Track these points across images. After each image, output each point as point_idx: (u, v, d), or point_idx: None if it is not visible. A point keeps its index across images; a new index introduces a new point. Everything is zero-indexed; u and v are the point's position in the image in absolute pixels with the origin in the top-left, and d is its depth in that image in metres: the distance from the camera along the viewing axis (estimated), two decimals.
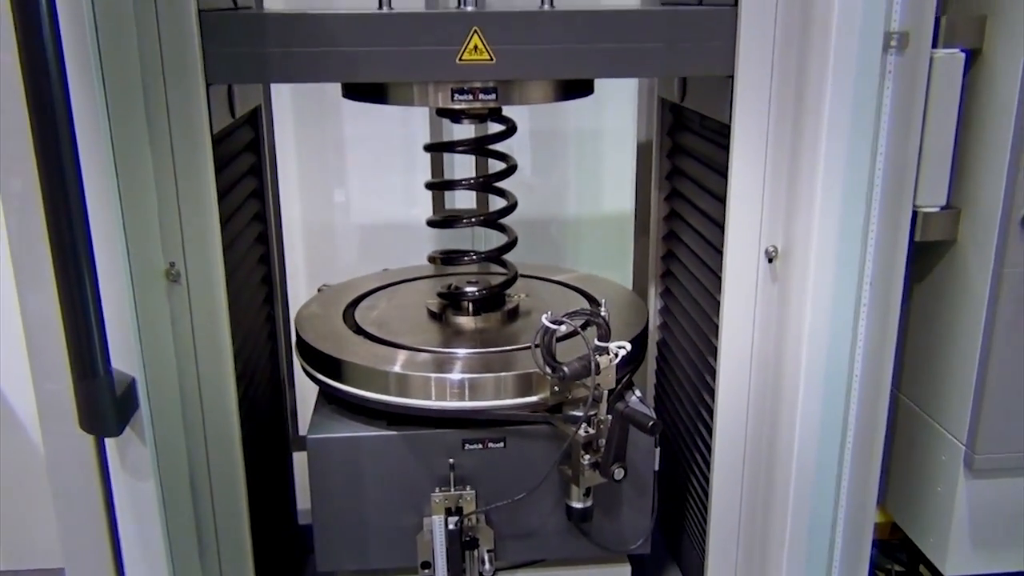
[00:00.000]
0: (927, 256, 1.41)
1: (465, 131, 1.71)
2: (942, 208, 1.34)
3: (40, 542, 2.38)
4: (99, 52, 1.04)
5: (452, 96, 1.27)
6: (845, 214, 1.27)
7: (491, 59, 1.21)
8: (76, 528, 1.24)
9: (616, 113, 2.09)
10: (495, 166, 1.56)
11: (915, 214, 1.33)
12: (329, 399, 1.42)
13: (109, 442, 1.05)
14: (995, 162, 1.26)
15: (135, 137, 1.13)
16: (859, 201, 1.27)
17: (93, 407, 0.95)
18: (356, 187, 2.21)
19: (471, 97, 1.27)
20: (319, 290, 1.75)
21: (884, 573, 2.26)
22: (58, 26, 0.92)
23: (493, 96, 1.28)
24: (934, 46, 1.25)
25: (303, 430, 1.99)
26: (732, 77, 1.25)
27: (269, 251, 1.68)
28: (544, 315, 1.25)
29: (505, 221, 1.56)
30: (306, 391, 1.97)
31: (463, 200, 2.00)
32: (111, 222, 1.05)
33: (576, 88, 1.37)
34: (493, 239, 1.60)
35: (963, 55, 1.27)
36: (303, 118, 2.09)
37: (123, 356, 1.02)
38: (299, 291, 2.06)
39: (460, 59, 1.20)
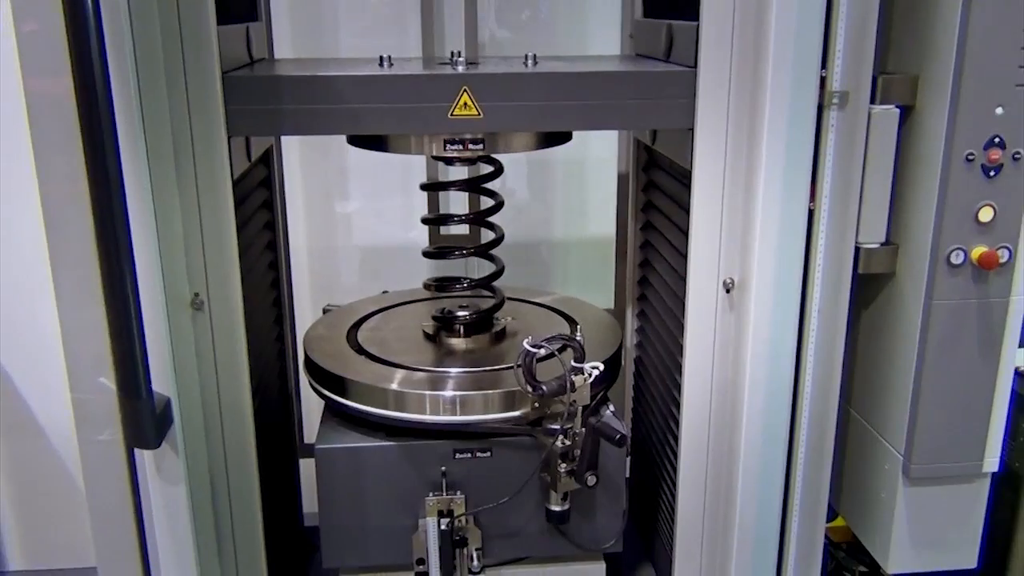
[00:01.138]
0: (870, 287, 1.54)
1: (457, 170, 1.87)
2: (882, 244, 1.47)
3: (61, 542, 2.53)
4: (141, 109, 1.19)
5: (445, 146, 1.43)
6: (795, 249, 1.42)
7: (479, 114, 1.35)
8: (109, 529, 1.39)
9: (601, 145, 2.25)
10: (485, 200, 1.72)
11: (858, 250, 1.46)
12: (334, 413, 1.56)
13: (146, 453, 1.21)
14: (925, 205, 1.40)
15: (166, 182, 1.28)
16: (807, 238, 1.42)
17: (137, 424, 1.10)
18: (357, 212, 2.37)
19: (461, 147, 1.43)
20: (324, 310, 1.90)
21: (850, 573, 2.41)
22: (110, 90, 1.08)
23: (481, 146, 1.43)
24: (872, 102, 1.39)
25: (308, 439, 2.15)
26: (692, 130, 1.39)
27: (279, 276, 1.84)
28: (526, 339, 1.41)
29: (494, 251, 1.72)
30: (311, 402, 2.12)
31: (456, 228, 2.16)
32: (149, 258, 1.20)
33: (555, 138, 1.52)
34: (484, 263, 1.76)
35: (897, 111, 1.41)
36: (308, 148, 2.25)
37: (159, 378, 1.18)
38: (304, 310, 2.21)
39: (451, 114, 1.35)
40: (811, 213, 1.42)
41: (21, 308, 2.31)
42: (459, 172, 1.97)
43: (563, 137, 1.53)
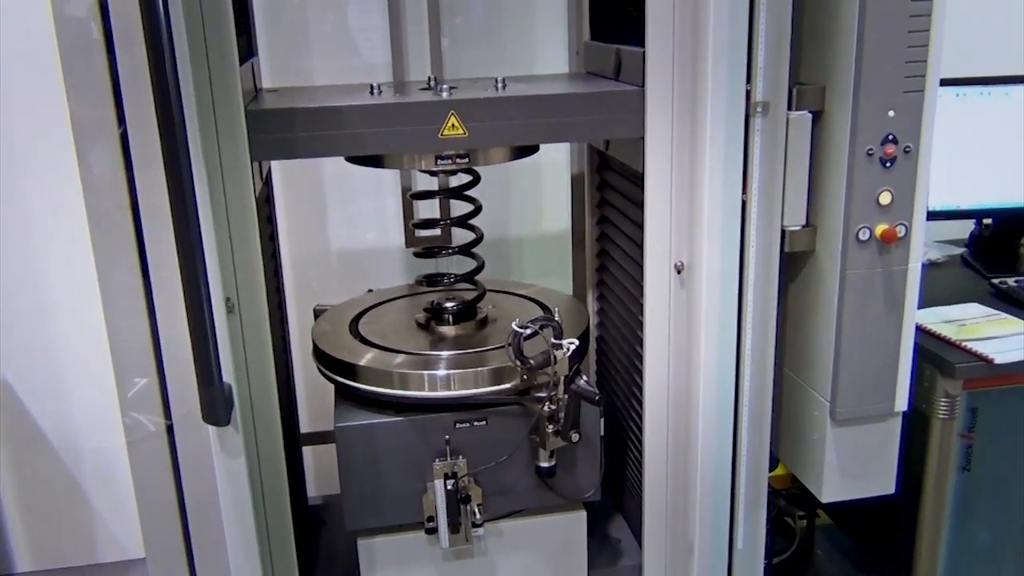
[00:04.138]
0: (795, 263, 1.74)
1: (429, 179, 2.09)
2: (803, 227, 1.68)
3: (66, 542, 2.68)
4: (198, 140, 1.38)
5: (435, 161, 1.65)
6: (732, 234, 1.62)
7: (465, 133, 1.56)
8: (156, 510, 1.59)
9: (551, 150, 2.48)
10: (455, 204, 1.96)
11: (783, 232, 1.66)
12: (345, 396, 1.75)
13: (211, 431, 1.43)
14: (836, 192, 1.62)
15: (203, 202, 1.48)
16: (740, 225, 1.64)
17: (212, 406, 1.32)
18: (332, 218, 2.58)
19: (450, 161, 1.65)
20: (315, 311, 2.09)
21: (790, 518, 2.72)
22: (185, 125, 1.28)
23: (466, 159, 1.65)
24: (789, 110, 1.60)
25: (304, 428, 2.36)
26: (643, 138, 1.61)
27: (280, 282, 2.05)
28: (513, 322, 1.63)
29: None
30: (301, 397, 2.33)
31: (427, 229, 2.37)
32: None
33: (526, 150, 1.75)
34: (453, 261, 1.98)
35: (810, 115, 1.61)
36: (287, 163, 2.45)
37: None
38: (290, 312, 2.41)
39: (441, 134, 1.56)
40: (744, 204, 1.63)
41: (21, 320, 2.46)
42: (431, 181, 2.20)
43: (533, 149, 1.78)
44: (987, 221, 2.43)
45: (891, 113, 1.59)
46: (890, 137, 1.60)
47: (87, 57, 1.39)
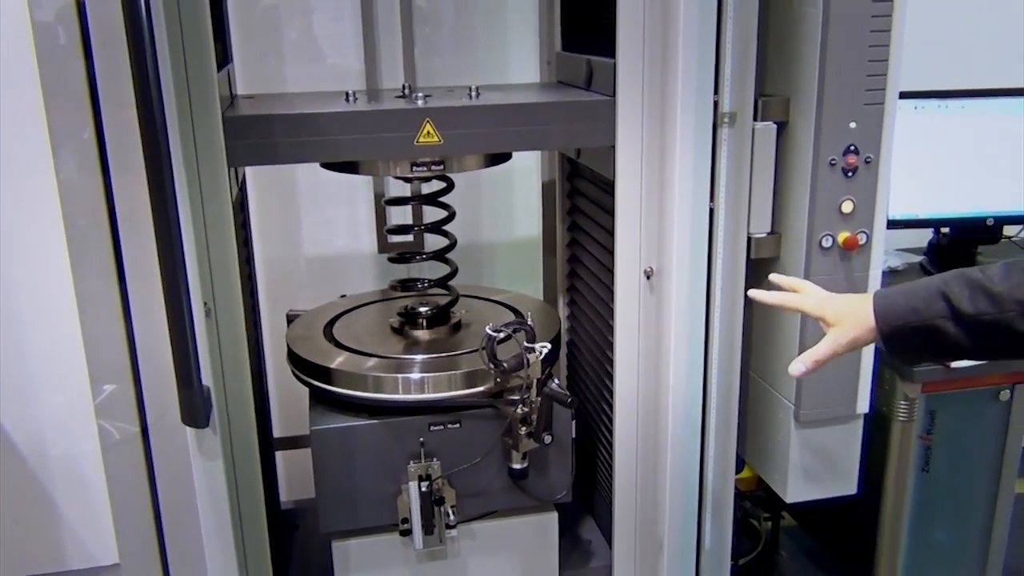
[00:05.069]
0: (760, 269, 1.74)
1: (403, 186, 2.12)
2: (768, 234, 1.74)
3: (36, 550, 2.66)
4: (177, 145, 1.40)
5: (411, 168, 1.68)
6: (700, 241, 1.66)
7: (440, 140, 1.59)
8: (131, 515, 1.59)
9: (522, 158, 2.52)
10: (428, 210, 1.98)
11: (749, 239, 1.71)
12: (320, 400, 1.77)
13: (190, 433, 1.44)
14: (800, 201, 1.68)
15: (181, 208, 1.50)
16: (708, 232, 1.69)
17: (192, 408, 1.34)
18: (304, 224, 2.59)
19: (425, 168, 1.68)
20: (287, 316, 2.11)
21: (755, 520, 2.77)
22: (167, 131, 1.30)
23: (441, 166, 1.68)
24: (755, 120, 1.66)
25: (275, 433, 2.37)
26: (614, 147, 1.66)
27: (254, 287, 2.06)
28: (488, 326, 1.66)
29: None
30: (272, 402, 2.34)
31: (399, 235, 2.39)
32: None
33: (499, 158, 1.78)
34: (425, 266, 2.01)
35: (775, 126, 1.68)
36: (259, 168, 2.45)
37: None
38: (262, 317, 2.42)
39: (417, 141, 1.59)
40: (712, 211, 1.67)
41: None
42: (403, 188, 2.22)
43: (505, 156, 1.81)
44: (945, 230, 2.50)
45: (853, 124, 1.66)
46: (852, 148, 1.67)
47: (64, 61, 1.40)
